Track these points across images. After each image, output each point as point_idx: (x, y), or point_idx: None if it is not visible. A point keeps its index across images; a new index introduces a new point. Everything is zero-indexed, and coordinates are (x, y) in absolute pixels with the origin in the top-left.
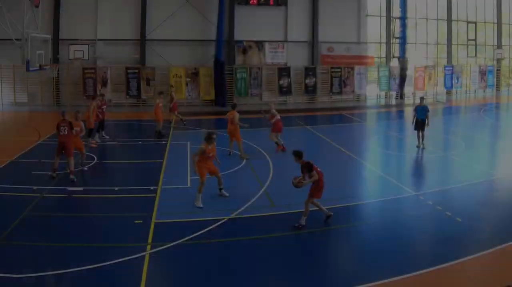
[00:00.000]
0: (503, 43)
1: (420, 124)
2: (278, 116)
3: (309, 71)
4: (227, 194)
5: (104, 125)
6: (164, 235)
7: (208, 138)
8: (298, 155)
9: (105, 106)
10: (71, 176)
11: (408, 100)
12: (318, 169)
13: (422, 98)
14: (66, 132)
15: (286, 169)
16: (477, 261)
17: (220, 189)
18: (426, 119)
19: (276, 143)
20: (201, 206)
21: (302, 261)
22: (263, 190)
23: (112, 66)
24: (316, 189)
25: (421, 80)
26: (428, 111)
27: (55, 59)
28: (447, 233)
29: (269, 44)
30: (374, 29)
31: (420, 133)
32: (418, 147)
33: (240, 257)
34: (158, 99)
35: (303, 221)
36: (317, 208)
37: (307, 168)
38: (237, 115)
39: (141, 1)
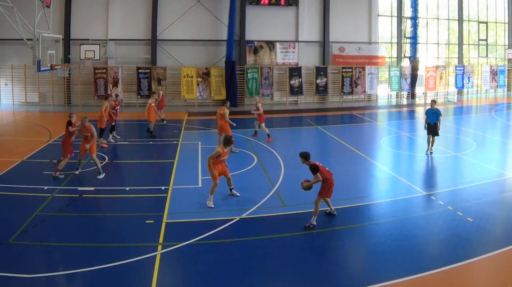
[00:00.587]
0: None
1: (431, 129)
2: (261, 111)
3: (320, 71)
4: (238, 194)
5: (115, 125)
6: (175, 235)
7: (228, 142)
8: (304, 156)
9: (118, 107)
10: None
11: (419, 100)
12: (326, 169)
13: (433, 102)
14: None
15: (297, 169)
16: (488, 261)
17: (231, 189)
18: (438, 123)
19: (268, 134)
20: (212, 206)
21: (313, 261)
22: (274, 190)
23: (123, 66)
24: (325, 188)
25: (432, 80)
26: (440, 115)
27: (67, 59)
28: (459, 233)
29: (280, 44)
30: (385, 29)
31: (431, 138)
32: (426, 153)
33: (251, 257)
34: (150, 99)
35: (313, 221)
36: (321, 209)
37: (312, 170)
38: (227, 112)
39: (152, 1)
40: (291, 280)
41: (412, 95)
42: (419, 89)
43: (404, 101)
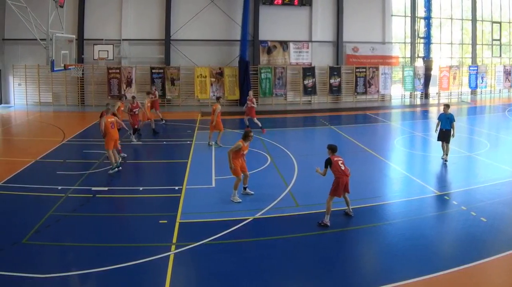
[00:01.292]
0: None
1: (444, 135)
2: (254, 105)
3: (334, 71)
4: (252, 192)
5: (138, 129)
6: (189, 235)
7: (246, 136)
8: (331, 148)
9: (137, 109)
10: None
11: (433, 100)
12: (343, 169)
13: (447, 106)
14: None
15: (311, 169)
16: (502, 261)
17: (245, 188)
18: (452, 129)
19: (261, 127)
20: (239, 200)
21: (326, 261)
22: (287, 190)
23: (137, 66)
24: (335, 188)
25: (446, 80)
26: (454, 120)
27: (80, 59)
28: (472, 233)
29: (294, 44)
30: (399, 29)
31: (444, 145)
32: (443, 157)
33: (265, 257)
34: (146, 99)
35: (326, 220)
36: (332, 209)
37: (325, 162)
38: (218, 108)
39: (165, 1)
40: (305, 280)
41: (425, 95)
42: (432, 89)
43: (418, 101)
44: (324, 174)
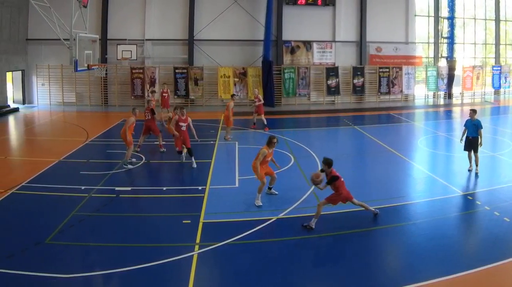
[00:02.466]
0: None
1: (471, 144)
2: (262, 102)
3: (357, 71)
4: (276, 192)
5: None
6: (212, 235)
7: (270, 143)
8: (328, 163)
9: (184, 124)
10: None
11: (456, 100)
12: (342, 179)
13: (473, 111)
14: (149, 117)
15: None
16: None
17: (270, 188)
18: (479, 137)
19: (266, 125)
20: (261, 204)
21: (350, 261)
22: (311, 190)
23: (160, 66)
24: (336, 198)
25: (469, 80)
26: (481, 127)
27: (103, 59)
28: (495, 233)
29: (317, 44)
30: (422, 29)
31: (471, 155)
32: (470, 170)
33: (288, 257)
34: (151, 98)
35: (313, 223)
36: (362, 208)
37: (330, 181)
38: (231, 105)
39: (189, 1)
40: (328, 280)
41: (449, 95)
42: (456, 89)
43: (441, 102)
44: (321, 188)
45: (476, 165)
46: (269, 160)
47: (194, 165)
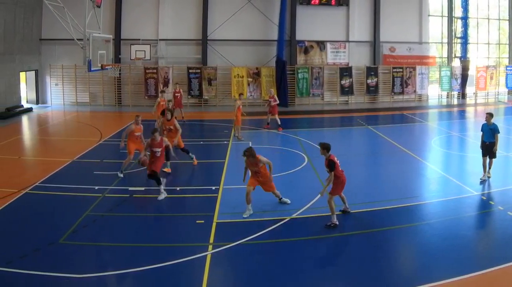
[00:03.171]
0: None
1: (488, 149)
2: (277, 102)
3: (371, 71)
4: (288, 201)
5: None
6: (226, 235)
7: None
8: (326, 147)
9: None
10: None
11: (470, 100)
12: (339, 168)
13: (489, 115)
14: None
15: (347, 169)
16: None
17: (280, 198)
18: (495, 142)
19: (279, 125)
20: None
21: (363, 261)
22: (324, 189)
23: (174, 66)
24: (337, 186)
25: (483, 80)
26: (497, 131)
27: (117, 59)
28: (509, 233)
29: (331, 44)
30: (436, 29)
31: (486, 160)
32: (482, 180)
33: (302, 257)
34: (159, 98)
35: (334, 220)
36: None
37: (329, 166)
38: (237, 104)
39: (202, 1)
40: (341, 280)
41: (462, 95)
42: (469, 89)
43: (455, 101)
44: (331, 179)
45: (489, 167)
46: (256, 170)
47: (162, 197)
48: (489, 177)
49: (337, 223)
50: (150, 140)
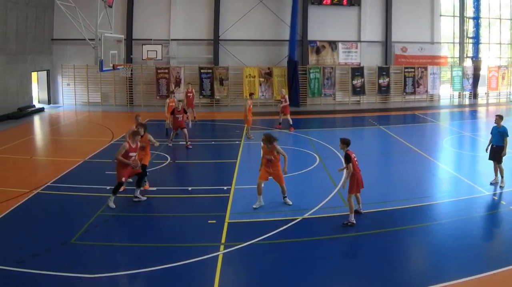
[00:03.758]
0: None
1: (495, 153)
2: (287, 103)
3: (383, 71)
4: (290, 202)
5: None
6: (237, 235)
7: (265, 140)
8: (345, 142)
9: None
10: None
11: (481, 100)
12: (357, 163)
13: (499, 117)
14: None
15: (360, 169)
16: None
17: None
18: (504, 146)
19: (291, 125)
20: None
21: (374, 261)
22: (336, 190)
23: (185, 66)
24: (353, 184)
25: (495, 80)
26: (507, 135)
27: (129, 59)
28: None
29: (343, 44)
30: (448, 29)
31: (496, 166)
32: (492, 183)
33: (313, 257)
34: (168, 99)
35: (352, 219)
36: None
37: (346, 159)
38: (246, 104)
39: (214, 2)
40: (353, 280)
41: (474, 95)
42: (481, 89)
43: (466, 102)
44: (350, 170)
45: (502, 177)
46: (268, 159)
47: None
48: (502, 187)
49: (355, 222)
50: (128, 144)
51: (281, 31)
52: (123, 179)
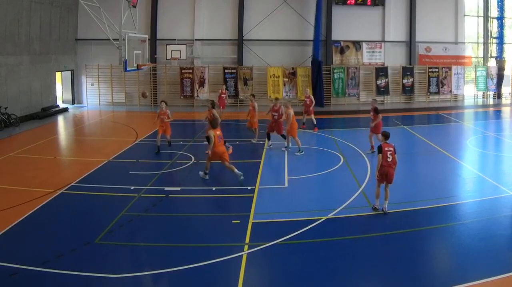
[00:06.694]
0: None
1: None
2: (313, 103)
3: (407, 71)
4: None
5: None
6: (262, 235)
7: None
8: (385, 135)
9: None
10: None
11: (506, 100)
12: (389, 159)
13: None
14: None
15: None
16: None
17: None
18: None
19: (315, 126)
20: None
21: (398, 261)
22: (360, 190)
23: (210, 66)
24: (381, 174)
25: None
26: None
27: (153, 59)
28: None
29: (367, 44)
30: (472, 29)
31: None
32: None
33: (338, 257)
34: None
35: (377, 204)
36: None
37: (377, 149)
38: (254, 104)
39: (238, 1)
40: (377, 280)
41: (498, 95)
42: (505, 89)
43: (491, 101)
44: (380, 160)
45: None
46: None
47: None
48: None
49: (378, 207)
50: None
51: (305, 31)
52: None
